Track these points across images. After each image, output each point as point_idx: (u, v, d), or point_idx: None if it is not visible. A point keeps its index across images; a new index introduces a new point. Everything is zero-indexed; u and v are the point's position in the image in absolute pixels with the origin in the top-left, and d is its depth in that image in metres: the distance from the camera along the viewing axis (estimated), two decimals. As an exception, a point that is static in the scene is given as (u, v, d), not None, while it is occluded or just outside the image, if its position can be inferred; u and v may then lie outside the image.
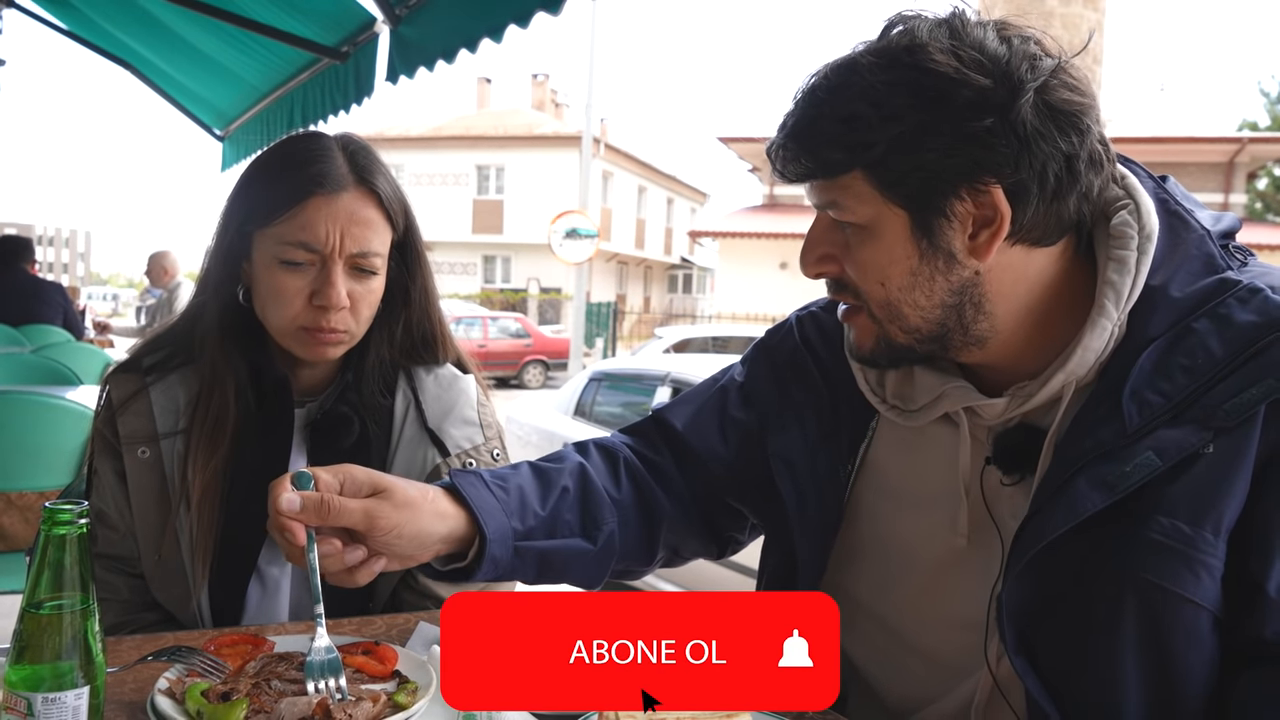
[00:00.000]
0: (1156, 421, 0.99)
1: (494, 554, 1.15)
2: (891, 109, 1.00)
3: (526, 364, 20.70)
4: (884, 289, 1.07)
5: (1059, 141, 1.01)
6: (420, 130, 35.21)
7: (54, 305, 6.73)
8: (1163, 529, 0.97)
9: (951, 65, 0.99)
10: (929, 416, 1.16)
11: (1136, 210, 1.07)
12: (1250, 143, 25.49)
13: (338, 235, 1.37)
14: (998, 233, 1.02)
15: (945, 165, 1.00)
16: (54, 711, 0.86)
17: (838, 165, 1.04)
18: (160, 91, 5.50)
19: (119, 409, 1.44)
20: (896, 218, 1.04)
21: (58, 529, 0.88)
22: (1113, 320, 1.04)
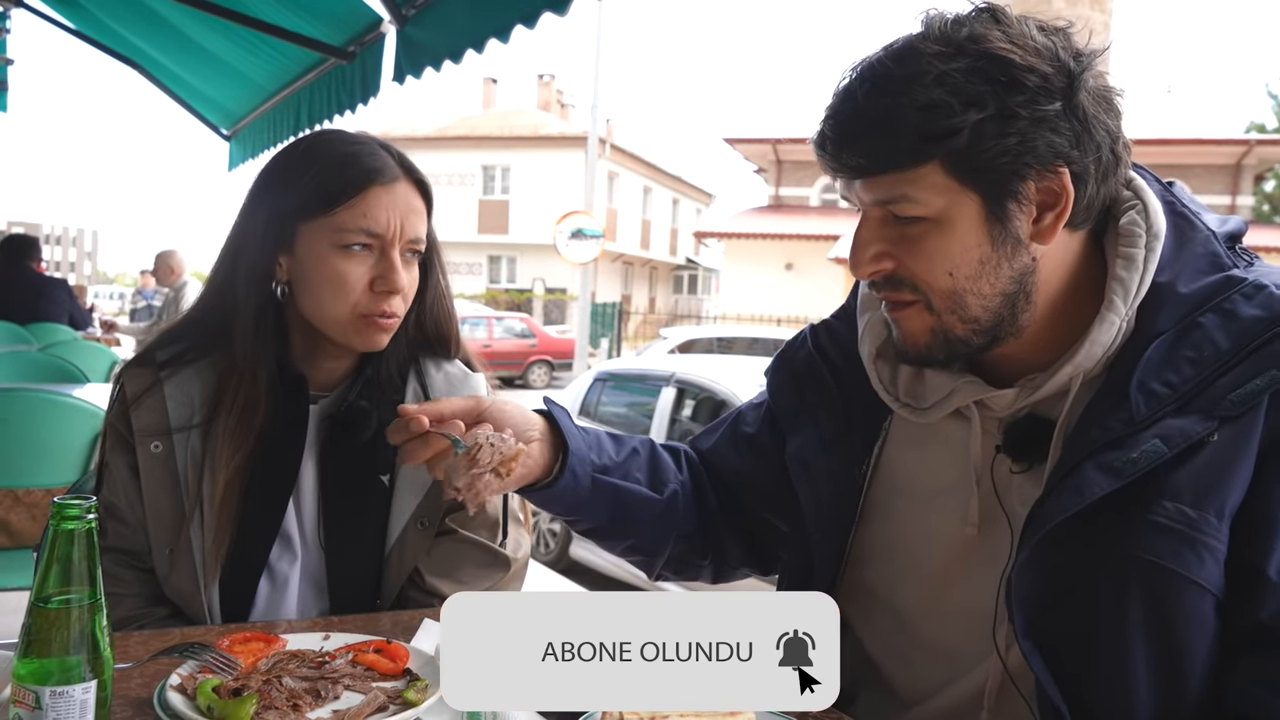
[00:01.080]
0: (1163, 411, 1.01)
1: (574, 468, 1.22)
2: (971, 95, 1.00)
3: (531, 364, 20.71)
4: (951, 279, 1.07)
5: (1109, 124, 1.05)
6: (426, 130, 35.24)
7: (60, 303, 6.75)
8: (1167, 513, 0.99)
9: (1017, 52, 1.01)
10: (941, 412, 1.18)
11: (1145, 210, 1.10)
12: (1258, 145, 25.42)
13: (397, 222, 1.40)
14: (1061, 215, 1.05)
15: (1025, 149, 1.02)
16: (62, 705, 0.87)
17: (917, 155, 1.03)
18: (167, 91, 5.51)
19: (133, 403, 1.44)
20: (970, 205, 1.05)
21: (66, 524, 0.88)
22: (1121, 316, 1.06)
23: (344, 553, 1.48)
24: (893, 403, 1.22)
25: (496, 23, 2.85)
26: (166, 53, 5.00)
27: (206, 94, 5.45)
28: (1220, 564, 1.00)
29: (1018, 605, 1.05)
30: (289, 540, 1.47)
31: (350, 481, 1.49)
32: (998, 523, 1.13)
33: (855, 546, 1.26)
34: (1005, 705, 1.12)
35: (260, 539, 1.45)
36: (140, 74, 5.37)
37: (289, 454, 1.46)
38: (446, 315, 1.59)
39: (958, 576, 1.17)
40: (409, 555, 1.49)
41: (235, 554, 1.43)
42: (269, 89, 4.73)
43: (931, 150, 1.02)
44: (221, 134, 5.77)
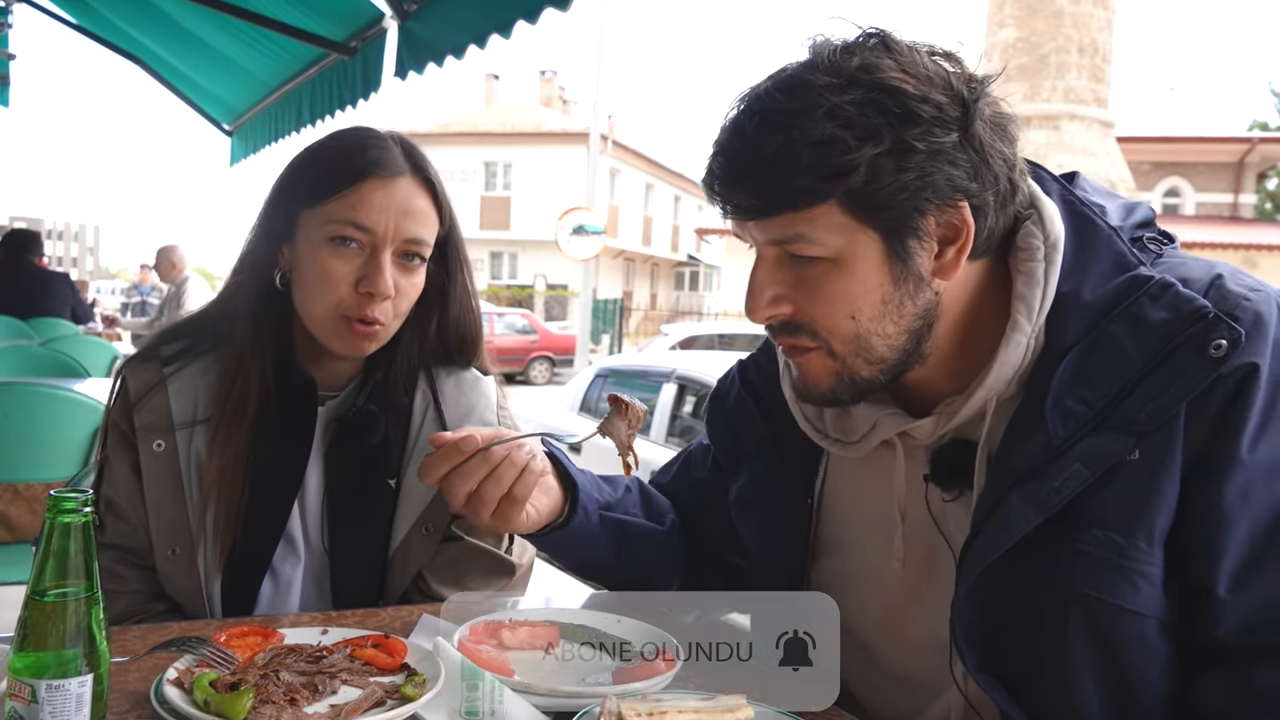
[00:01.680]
0: (1081, 431, 0.98)
1: (584, 505, 1.23)
2: (867, 129, 0.95)
3: (532, 360, 20.71)
4: (854, 322, 1.03)
5: (1005, 153, 1.01)
6: (428, 126, 35.21)
7: (61, 298, 6.76)
8: (1097, 541, 0.97)
9: (910, 82, 0.97)
10: (869, 445, 1.16)
11: (1040, 220, 1.06)
12: (1260, 143, 25.41)
13: (392, 220, 1.35)
14: (963, 249, 1.01)
15: (924, 184, 0.98)
16: (58, 699, 0.86)
17: (812, 195, 0.98)
18: (169, 86, 5.51)
19: (136, 401, 1.41)
20: (870, 244, 1.00)
21: (63, 517, 0.88)
22: (1026, 334, 1.03)
23: (347, 556, 1.46)
24: (821, 440, 1.20)
25: (499, 18, 2.85)
26: (168, 48, 5.00)
27: (208, 89, 5.45)
28: (1157, 587, 0.97)
29: (965, 640, 1.04)
30: (293, 542, 1.46)
31: (356, 485, 1.46)
32: (940, 552, 1.11)
33: (813, 581, 1.25)
34: None
35: (264, 539, 1.43)
36: (142, 69, 5.37)
37: (295, 455, 1.44)
38: (472, 323, 1.54)
39: (911, 606, 1.15)
40: (413, 560, 1.47)
41: (238, 554, 1.41)
42: (271, 84, 4.73)
43: (828, 189, 0.97)
44: (223, 129, 5.77)
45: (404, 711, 0.99)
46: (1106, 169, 17.33)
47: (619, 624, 1.27)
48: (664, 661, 1.12)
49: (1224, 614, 0.96)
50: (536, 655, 1.20)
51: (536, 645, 1.22)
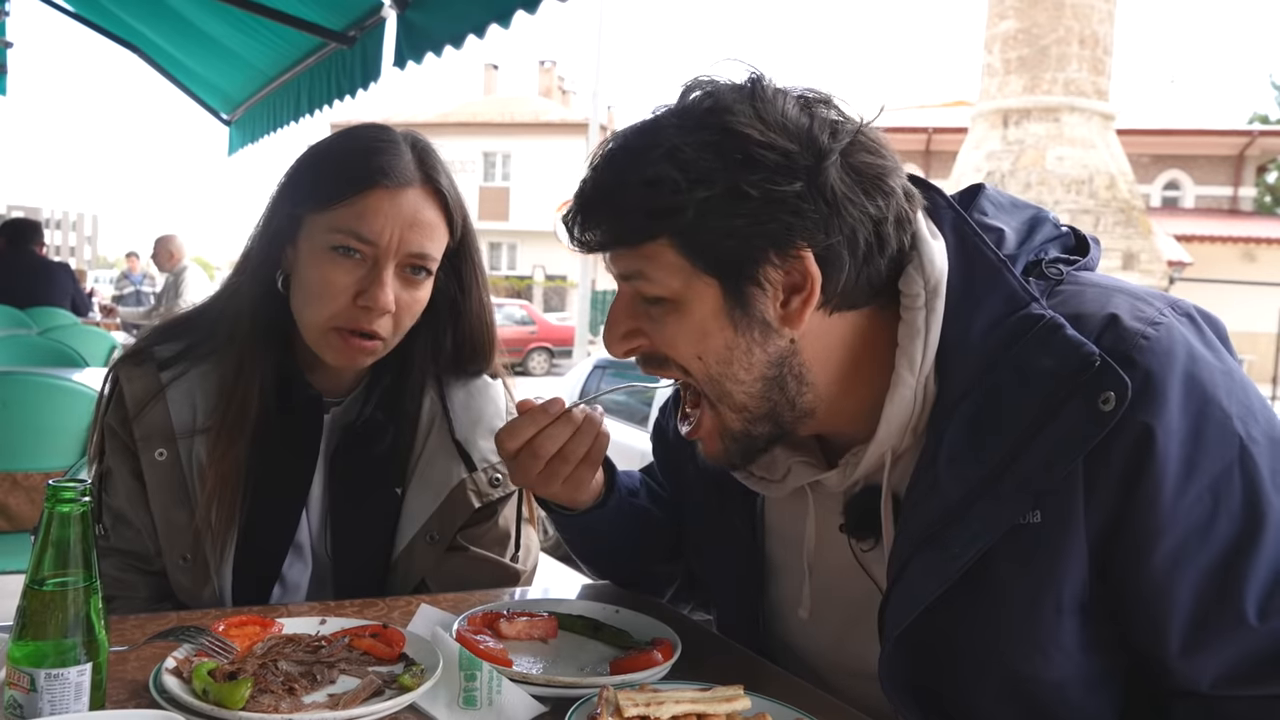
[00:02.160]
0: (976, 492, 0.95)
1: (620, 486, 1.29)
2: (699, 172, 0.95)
3: (531, 351, 20.72)
4: (701, 363, 1.02)
5: (866, 205, 0.98)
6: (427, 116, 35.14)
7: (62, 287, 6.76)
8: (1006, 612, 0.96)
9: (756, 128, 0.96)
10: (789, 487, 1.15)
11: (920, 263, 1.02)
12: (1260, 136, 25.40)
13: (396, 233, 1.30)
14: (808, 299, 0.99)
15: (756, 231, 0.96)
16: (57, 687, 0.87)
17: (642, 231, 0.99)
18: (167, 75, 5.49)
19: (135, 411, 1.37)
20: (707, 288, 0.99)
21: (61, 506, 0.88)
22: (910, 387, 1.01)
23: (350, 563, 1.45)
24: (747, 479, 1.18)
25: (498, 8, 2.85)
26: (166, 36, 4.98)
27: (206, 78, 5.43)
28: (1072, 653, 0.96)
29: (895, 690, 1.04)
30: (300, 549, 1.45)
31: (360, 492, 1.44)
32: (869, 595, 1.10)
33: (768, 602, 1.26)
34: None
35: (274, 547, 1.42)
36: (140, 57, 5.35)
37: (301, 463, 1.42)
38: (486, 334, 1.50)
39: (846, 645, 1.15)
40: (416, 567, 1.46)
41: (249, 562, 1.40)
42: (269, 73, 4.71)
43: (656, 227, 0.98)
44: (221, 118, 5.75)
45: (402, 701, 0.99)
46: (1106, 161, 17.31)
47: (617, 614, 1.27)
48: (661, 652, 1.12)
49: (1179, 675, 0.95)
50: (534, 645, 1.21)
51: (534, 635, 1.22)
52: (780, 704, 1.03)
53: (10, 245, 6.57)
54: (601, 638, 1.23)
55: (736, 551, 1.25)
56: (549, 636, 1.23)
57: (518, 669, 1.09)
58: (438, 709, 1.01)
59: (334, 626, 1.17)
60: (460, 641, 1.09)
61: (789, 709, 1.02)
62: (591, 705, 0.96)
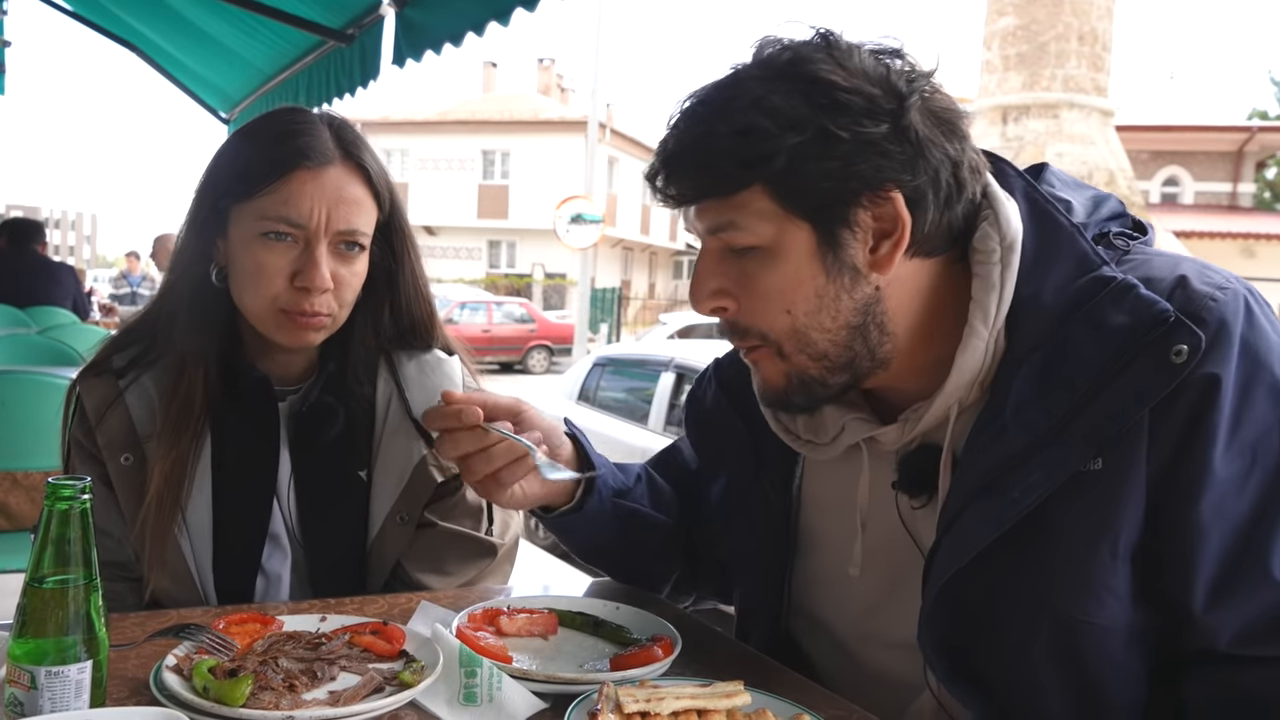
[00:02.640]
0: (1042, 440, 0.97)
1: (600, 489, 1.25)
2: (789, 118, 0.97)
3: (531, 349, 20.71)
4: (790, 316, 1.03)
5: (946, 147, 1.01)
6: (426, 114, 35.12)
7: (65, 287, 6.75)
8: (1060, 555, 0.97)
9: (839, 74, 0.98)
10: (840, 448, 1.16)
11: (996, 220, 1.05)
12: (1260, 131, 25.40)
13: (323, 212, 1.30)
14: (899, 242, 1.01)
15: (849, 173, 0.98)
16: (57, 685, 0.87)
17: (735, 180, 1.01)
18: (166, 74, 5.50)
19: (96, 420, 1.38)
20: (800, 232, 1.01)
21: (61, 504, 0.88)
22: (983, 339, 1.02)
23: (324, 550, 1.45)
24: (793, 442, 1.19)
25: (497, 5, 2.85)
26: (164, 35, 4.98)
27: (205, 77, 5.43)
28: (1124, 600, 0.97)
29: (933, 649, 1.04)
30: (277, 539, 1.45)
31: (325, 478, 1.44)
32: (912, 557, 1.11)
33: (795, 575, 1.26)
34: None
35: (251, 539, 1.42)
36: (139, 56, 5.36)
37: (263, 452, 1.42)
38: (423, 307, 1.51)
39: (881, 611, 1.16)
40: (390, 550, 1.46)
41: (228, 556, 1.41)
42: (267, 72, 4.72)
43: (749, 175, 1.00)
44: (220, 117, 5.75)
45: (403, 698, 1.00)
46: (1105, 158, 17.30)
47: (617, 610, 1.27)
48: (661, 648, 1.12)
49: (1202, 629, 0.96)
50: (534, 642, 1.21)
51: (534, 632, 1.22)
52: (781, 699, 1.03)
53: (12, 245, 6.57)
54: (602, 634, 1.23)
55: (767, 524, 1.24)
56: (549, 633, 1.23)
57: (518, 665, 1.09)
58: (438, 705, 1.01)
59: (334, 624, 1.17)
60: (460, 638, 1.09)
61: (789, 704, 1.02)
62: (591, 701, 0.96)
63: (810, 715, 0.99)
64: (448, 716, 1.00)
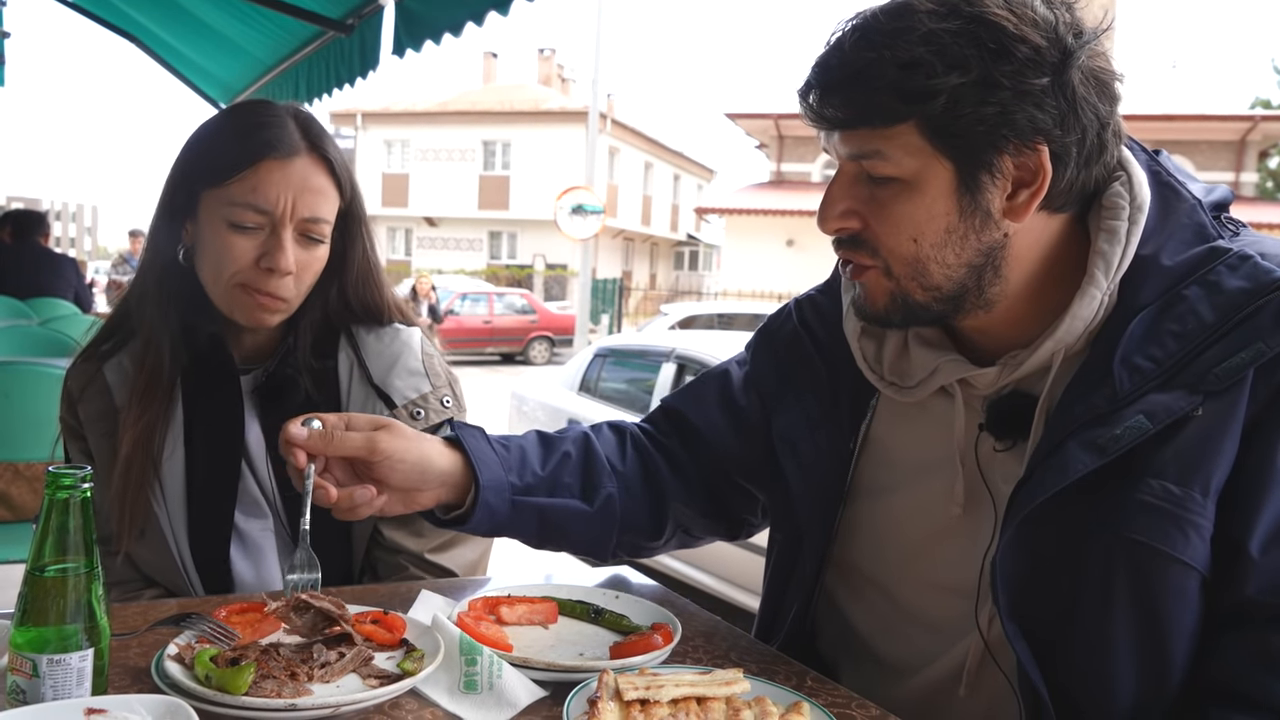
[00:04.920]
0: (1147, 386, 1.00)
1: (488, 501, 1.19)
2: (955, 58, 0.98)
3: (532, 340, 20.71)
4: (915, 245, 1.06)
5: (1099, 108, 1.03)
6: (426, 105, 35.04)
7: (67, 279, 6.75)
8: (1152, 490, 0.99)
9: (1010, 20, 0.99)
10: (925, 391, 1.17)
11: (1129, 181, 1.08)
12: (1262, 121, 25.28)
13: (290, 200, 1.38)
14: (1036, 194, 1.03)
15: (1003, 121, 1.00)
16: (59, 673, 0.87)
17: (893, 113, 1.01)
18: (165, 64, 5.47)
19: (78, 396, 1.47)
20: (943, 171, 1.03)
21: (61, 493, 0.88)
22: (1102, 289, 1.05)
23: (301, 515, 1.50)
24: (877, 381, 1.21)
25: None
26: (163, 25, 4.96)
27: (204, 67, 5.41)
28: (1206, 541, 0.99)
29: (1002, 586, 1.05)
30: (256, 505, 1.51)
31: None
32: (980, 500, 1.13)
33: (843, 522, 1.26)
34: (984, 681, 1.12)
35: (220, 504, 1.48)
36: (138, 47, 5.33)
37: (228, 419, 1.48)
38: (374, 287, 1.56)
39: (941, 553, 1.17)
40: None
41: (200, 522, 1.47)
42: (267, 62, 4.70)
43: (908, 109, 1.00)
44: (220, 108, 5.73)
45: (403, 686, 1.00)
46: (1107, 147, 17.25)
47: (617, 599, 1.28)
48: (661, 636, 1.13)
49: (1253, 573, 0.98)
50: (534, 630, 1.21)
51: (534, 620, 1.23)
52: (779, 686, 1.04)
53: (15, 236, 6.57)
54: (602, 622, 1.24)
55: (829, 462, 1.25)
56: (549, 621, 1.24)
57: (518, 654, 1.09)
58: (439, 694, 1.02)
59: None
60: (461, 626, 1.10)
61: (788, 692, 1.02)
62: (591, 689, 0.96)
63: (809, 702, 1.00)
64: (448, 704, 1.00)
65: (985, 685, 1.12)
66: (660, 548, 1.43)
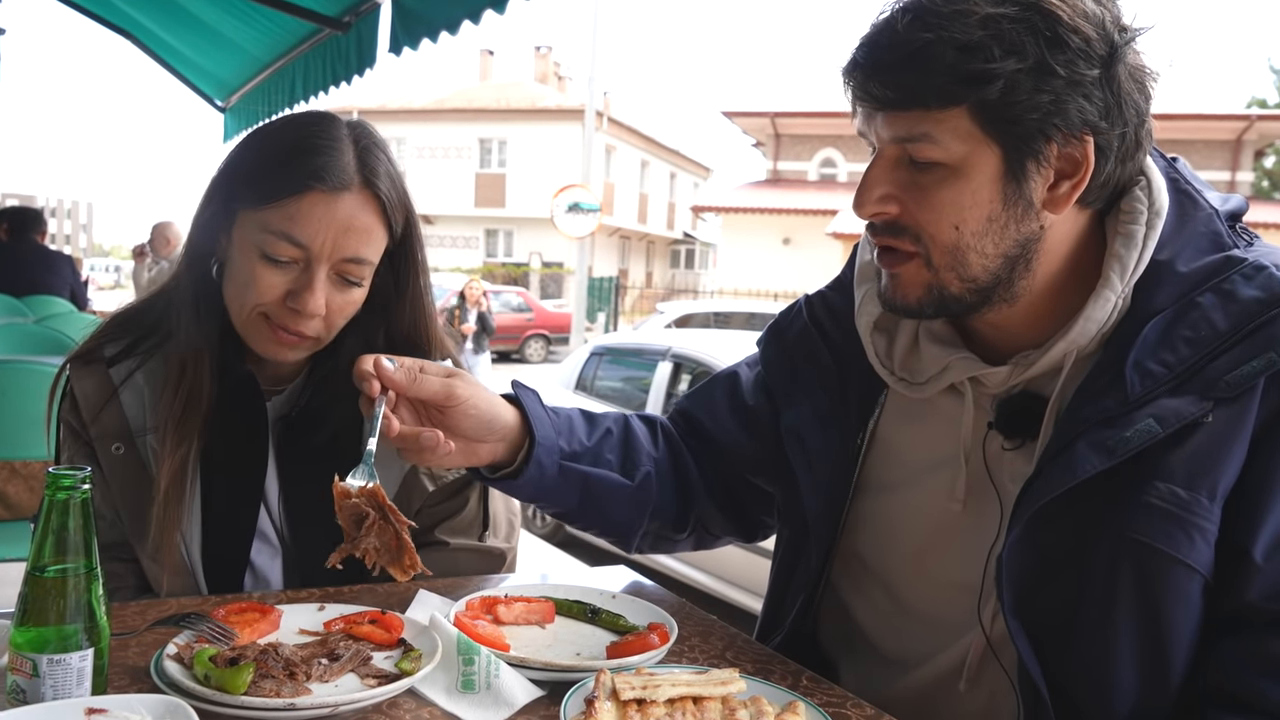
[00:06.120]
0: (1158, 391, 1.00)
1: (540, 459, 1.21)
2: (1013, 43, 0.98)
3: (528, 338, 20.71)
4: (957, 233, 1.05)
5: (1140, 105, 1.04)
6: (423, 103, 34.99)
7: (62, 277, 6.75)
8: (1159, 494, 1.00)
9: (1065, 9, 0.99)
10: (936, 388, 1.18)
11: (1149, 187, 1.09)
12: (1259, 120, 25.36)
13: (330, 238, 1.26)
14: (1078, 185, 1.04)
15: (1056, 109, 0.99)
16: (59, 673, 0.87)
17: (947, 96, 1.00)
18: (161, 62, 5.47)
19: (90, 414, 1.38)
20: (990, 158, 1.02)
21: (61, 494, 0.89)
22: (1116, 292, 1.06)
23: (313, 550, 1.39)
24: (888, 377, 1.22)
25: (492, -7, 2.84)
26: (160, 22, 4.95)
27: (201, 65, 5.40)
28: (1211, 545, 1.00)
29: (1008, 582, 1.06)
30: (265, 537, 1.44)
31: (310, 481, 1.36)
32: (987, 498, 1.14)
33: (849, 517, 1.27)
34: (985, 677, 1.13)
35: (238, 539, 1.42)
36: (134, 44, 5.33)
37: (252, 452, 1.41)
38: (420, 329, 1.45)
39: (944, 549, 1.18)
40: None
41: (216, 551, 1.41)
42: (263, 60, 4.69)
43: (964, 93, 0.99)
44: (216, 105, 5.73)
45: (400, 686, 1.00)
46: (1103, 146, 17.27)
47: (614, 599, 1.28)
48: (657, 636, 1.13)
49: (1256, 578, 0.99)
50: (532, 630, 1.22)
51: (532, 620, 1.23)
52: (775, 686, 1.04)
53: (12, 234, 6.56)
54: (598, 622, 1.24)
55: (836, 458, 1.25)
56: (546, 621, 1.24)
57: (515, 653, 1.10)
58: (436, 693, 1.02)
59: (333, 613, 1.18)
60: (458, 626, 1.10)
61: (784, 691, 1.03)
62: (588, 689, 0.96)
63: (805, 702, 1.00)
64: (446, 704, 1.01)
65: (985, 681, 1.13)
66: (682, 543, 1.45)
